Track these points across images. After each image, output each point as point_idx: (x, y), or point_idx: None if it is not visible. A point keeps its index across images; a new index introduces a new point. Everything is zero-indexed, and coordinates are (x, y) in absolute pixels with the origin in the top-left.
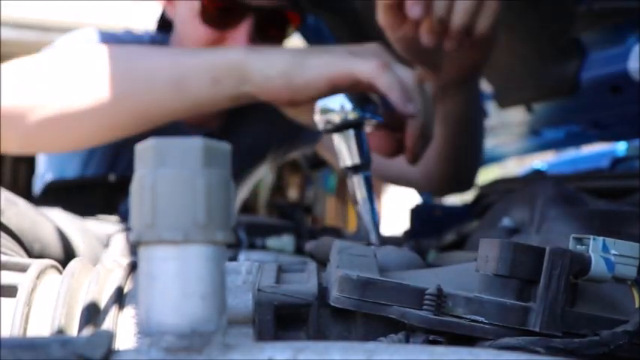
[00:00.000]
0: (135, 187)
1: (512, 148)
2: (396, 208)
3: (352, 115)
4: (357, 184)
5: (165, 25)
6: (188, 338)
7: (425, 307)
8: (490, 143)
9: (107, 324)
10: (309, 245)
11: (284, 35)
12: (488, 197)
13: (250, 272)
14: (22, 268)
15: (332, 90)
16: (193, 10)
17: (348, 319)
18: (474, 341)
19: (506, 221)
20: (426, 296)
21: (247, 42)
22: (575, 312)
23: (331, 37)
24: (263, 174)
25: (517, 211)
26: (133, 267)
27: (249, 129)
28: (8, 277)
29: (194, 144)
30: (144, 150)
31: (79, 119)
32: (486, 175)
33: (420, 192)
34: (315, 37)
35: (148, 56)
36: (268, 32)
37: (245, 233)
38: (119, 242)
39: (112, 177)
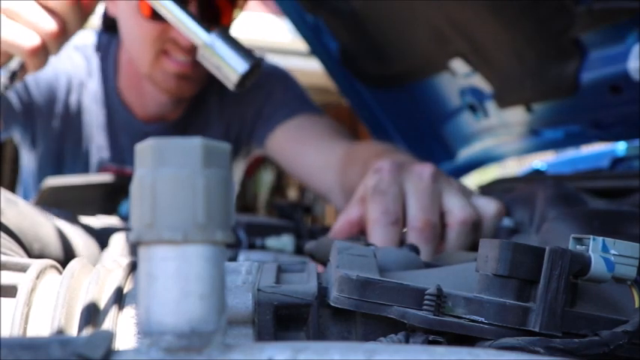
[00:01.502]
0: (135, 187)
1: (512, 148)
2: None
3: None
4: None
5: (109, 24)
6: (188, 338)
7: (425, 307)
8: (490, 143)
9: (107, 324)
10: (309, 245)
11: (231, 18)
12: None
13: (250, 272)
14: (22, 268)
15: None
16: (135, 5)
17: (348, 319)
18: (474, 341)
19: (506, 221)
20: (426, 296)
21: None
22: (575, 312)
23: (331, 36)
24: (241, 173)
25: (517, 211)
26: (133, 267)
27: (207, 122)
28: (8, 277)
29: (194, 144)
30: (143, 150)
31: None
32: (486, 175)
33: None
34: (314, 37)
35: None
36: (215, 17)
37: (245, 233)
38: (119, 242)
39: (111, 177)
